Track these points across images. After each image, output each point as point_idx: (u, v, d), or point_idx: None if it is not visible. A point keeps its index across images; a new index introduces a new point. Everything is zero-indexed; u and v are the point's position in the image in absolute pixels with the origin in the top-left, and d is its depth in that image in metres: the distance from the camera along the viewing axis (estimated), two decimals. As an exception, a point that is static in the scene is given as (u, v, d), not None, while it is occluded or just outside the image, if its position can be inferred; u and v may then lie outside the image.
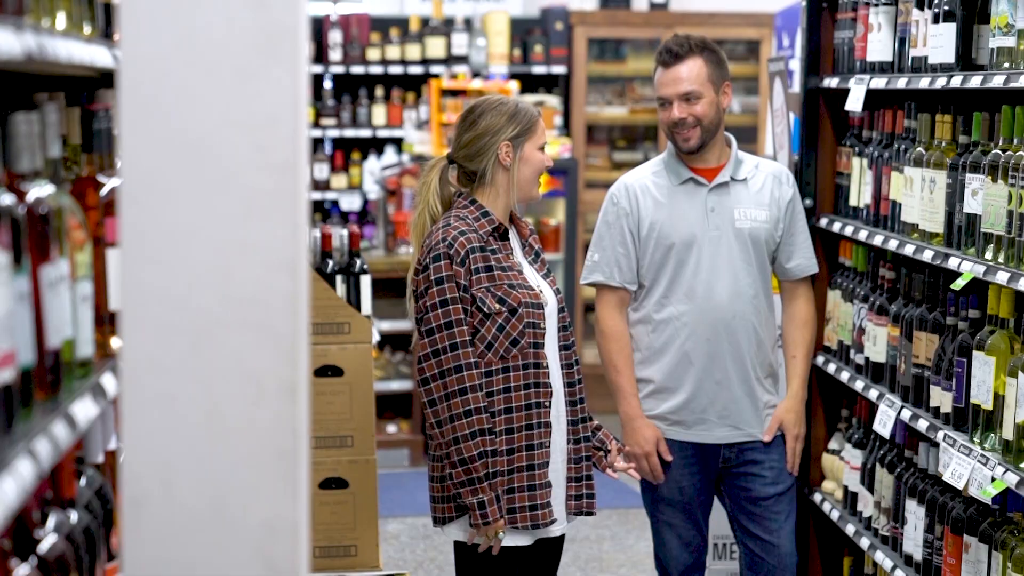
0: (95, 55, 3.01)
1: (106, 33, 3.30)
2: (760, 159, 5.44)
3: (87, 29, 3.13)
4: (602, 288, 5.25)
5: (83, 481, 2.92)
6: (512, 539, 4.55)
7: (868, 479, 5.60)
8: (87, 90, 3.38)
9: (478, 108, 4.63)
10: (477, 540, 4.52)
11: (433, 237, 4.51)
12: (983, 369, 4.54)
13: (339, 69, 11.27)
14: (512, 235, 4.68)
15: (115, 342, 3.03)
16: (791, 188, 5.38)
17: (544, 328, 4.56)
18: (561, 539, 4.74)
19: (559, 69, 11.43)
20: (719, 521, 5.71)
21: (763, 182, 5.30)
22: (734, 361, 5.21)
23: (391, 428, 9.68)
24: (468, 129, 4.62)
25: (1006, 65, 4.47)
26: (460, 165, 4.65)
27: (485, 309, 4.47)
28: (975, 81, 4.61)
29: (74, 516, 2.75)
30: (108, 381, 2.88)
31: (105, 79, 3.50)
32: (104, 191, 3.09)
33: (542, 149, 4.66)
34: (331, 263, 5.17)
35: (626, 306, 5.25)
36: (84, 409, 2.70)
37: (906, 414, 5.13)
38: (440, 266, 4.45)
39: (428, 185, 4.66)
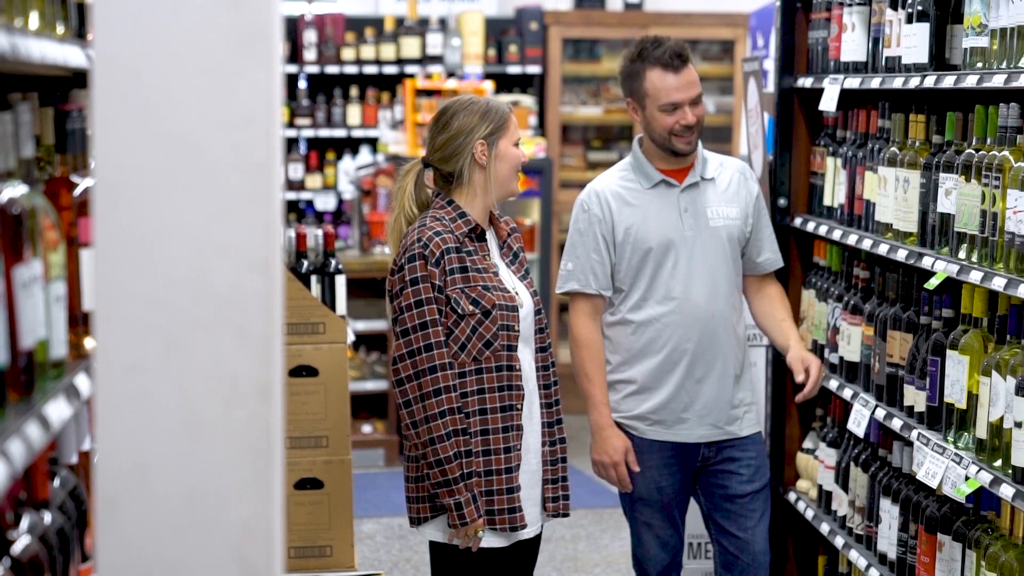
0: (68, 55, 3.00)
1: (79, 33, 3.29)
2: (722, 156, 5.45)
3: (60, 29, 3.12)
4: (576, 296, 5.23)
5: (57, 482, 2.91)
6: (488, 540, 4.55)
7: (842, 478, 5.62)
8: (60, 90, 3.37)
9: (450, 109, 4.63)
10: (456, 541, 4.52)
11: (409, 238, 4.50)
12: (957, 368, 4.56)
13: (314, 69, 11.26)
14: (490, 236, 4.67)
15: (89, 343, 3.03)
16: (755, 183, 5.42)
17: (518, 331, 4.56)
18: (538, 540, 4.74)
19: (534, 69, 11.43)
20: (694, 520, 5.72)
21: (730, 179, 5.32)
22: (714, 359, 5.21)
23: (366, 428, 9.67)
24: (441, 131, 4.61)
25: (979, 65, 4.48)
26: (436, 167, 4.64)
27: (459, 310, 4.46)
28: (948, 81, 4.63)
29: (48, 517, 2.74)
30: (82, 382, 2.88)
31: (78, 79, 3.50)
32: (77, 191, 3.08)
33: (517, 144, 4.66)
34: (306, 263, 5.16)
35: (600, 313, 5.24)
36: (58, 410, 2.69)
37: (880, 413, 5.14)
38: (415, 266, 4.45)
39: (403, 190, 4.65)
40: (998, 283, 4.24)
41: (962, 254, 4.54)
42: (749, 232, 5.33)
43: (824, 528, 5.74)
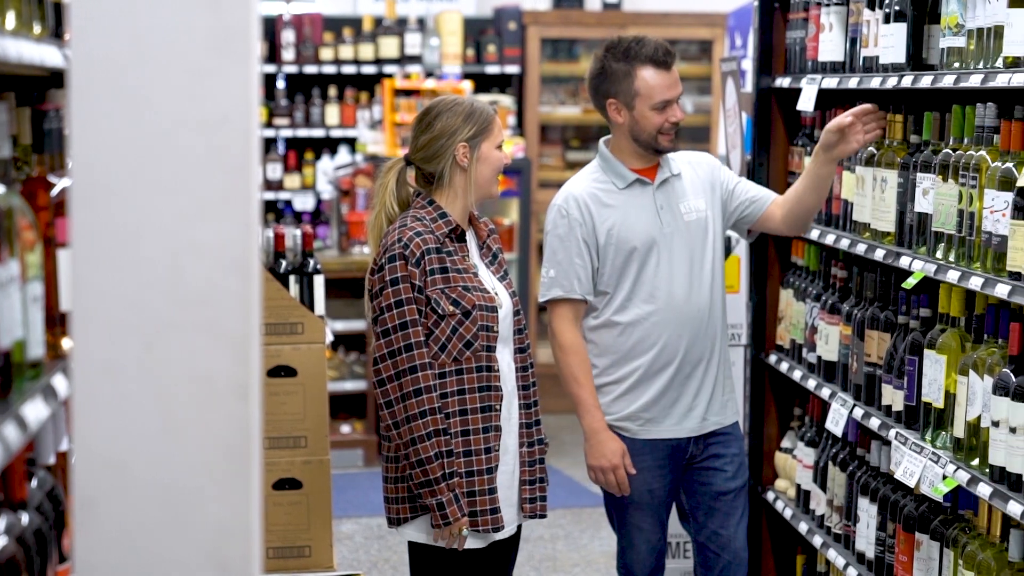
0: (45, 55, 3.00)
1: (56, 33, 3.28)
2: (678, 152, 5.43)
3: (37, 29, 3.11)
4: (558, 301, 5.20)
5: (34, 483, 2.90)
6: (468, 542, 4.55)
7: (820, 477, 5.63)
8: (37, 90, 3.36)
9: (434, 110, 4.62)
10: (440, 541, 4.52)
11: (389, 238, 4.50)
12: (934, 367, 4.57)
13: (292, 69, 11.25)
14: (470, 236, 4.67)
15: (66, 343, 3.02)
16: (707, 164, 5.36)
17: (497, 331, 4.56)
18: (515, 540, 4.74)
19: (512, 69, 11.43)
20: (672, 520, 5.72)
21: (692, 173, 5.30)
22: (700, 353, 5.21)
23: (345, 428, 9.66)
24: (424, 131, 4.60)
25: (956, 65, 4.49)
26: (418, 167, 4.64)
27: (439, 311, 4.46)
28: (926, 81, 4.64)
29: (25, 518, 2.74)
30: (59, 382, 2.87)
31: (56, 79, 3.49)
32: (55, 191, 3.08)
33: (500, 147, 4.65)
34: (284, 263, 5.15)
35: (581, 317, 5.22)
36: (35, 410, 2.69)
37: (858, 412, 5.15)
38: (395, 267, 4.44)
39: (385, 187, 4.64)
40: (975, 283, 4.25)
41: (939, 254, 4.55)
42: (734, 207, 5.31)
43: (802, 527, 5.75)
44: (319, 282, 5.19)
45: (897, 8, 4.86)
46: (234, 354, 2.54)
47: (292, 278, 5.14)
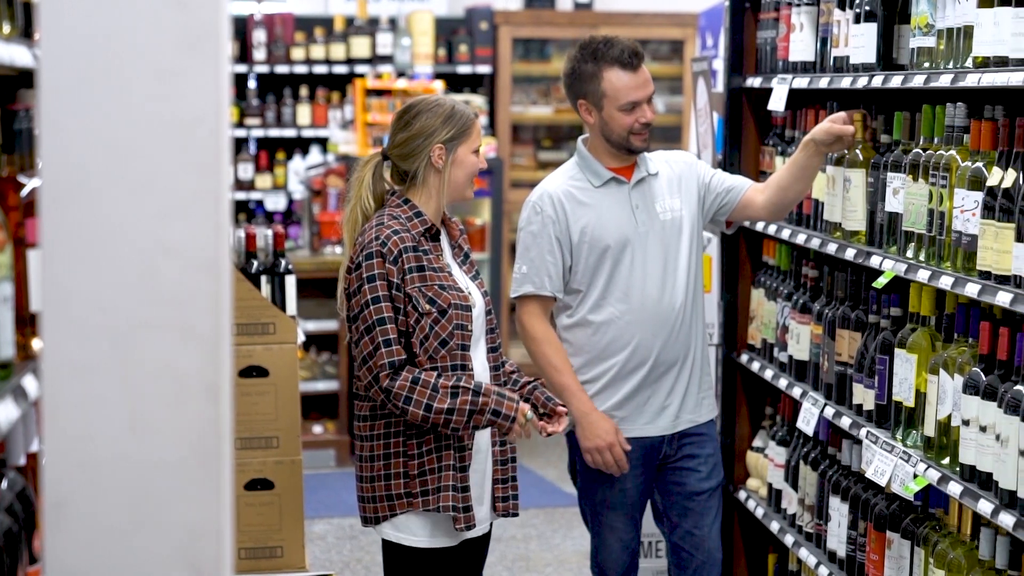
0: (14, 54, 2.99)
1: (26, 32, 3.27)
2: (655, 152, 5.44)
3: (6, 28, 3.10)
4: (528, 297, 5.20)
5: (4, 484, 2.89)
6: (438, 540, 4.55)
7: (792, 476, 5.64)
8: (7, 90, 3.35)
9: (414, 108, 4.62)
10: (518, 440, 4.60)
11: (366, 235, 4.49)
12: (905, 367, 4.58)
13: (263, 68, 11.23)
14: (443, 236, 4.67)
15: (36, 343, 3.01)
16: (683, 162, 5.33)
17: (471, 330, 4.56)
18: (486, 539, 4.74)
19: (484, 69, 11.43)
20: (646, 519, 5.72)
21: (669, 171, 5.28)
22: (675, 353, 5.20)
23: (317, 429, 9.65)
24: (403, 129, 4.60)
25: (926, 65, 4.51)
26: (394, 163, 4.64)
27: (419, 309, 4.46)
28: (896, 81, 4.65)
29: (-5, 519, 2.73)
30: (29, 383, 2.86)
31: (25, 78, 3.48)
32: (25, 192, 3.07)
33: (477, 152, 4.65)
34: (256, 263, 5.14)
35: (548, 312, 5.23)
36: (5, 411, 2.68)
37: (829, 411, 5.16)
38: (372, 264, 4.44)
39: (361, 180, 4.64)
40: (945, 282, 4.26)
41: (910, 253, 4.57)
42: (711, 201, 5.29)
43: (774, 526, 5.77)
44: (291, 282, 5.18)
45: (867, 8, 4.87)
46: (205, 354, 2.53)
47: (264, 278, 5.13)
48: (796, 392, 5.47)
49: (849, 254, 4.96)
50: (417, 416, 4.41)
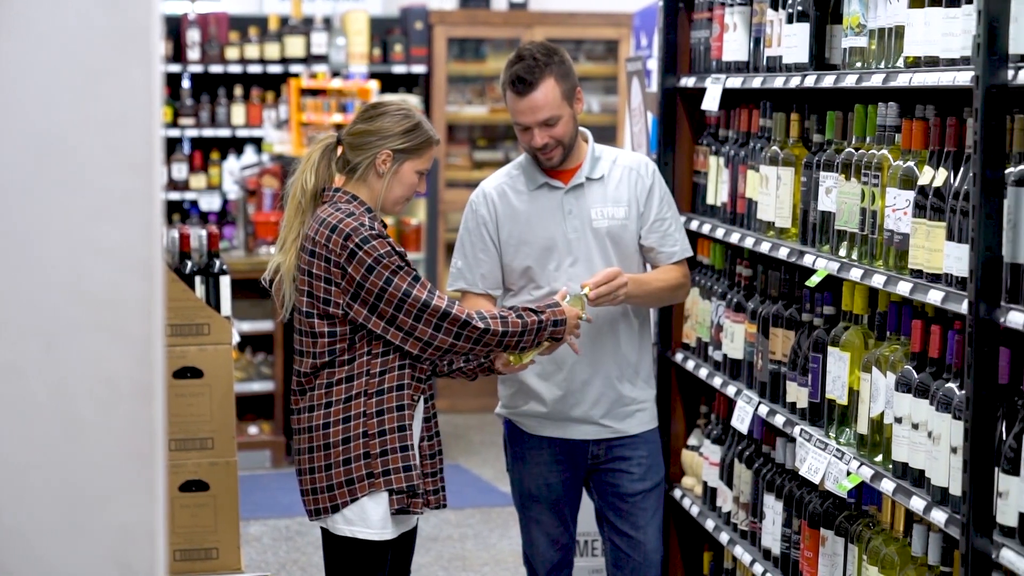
0: (-57, 54, 2.96)
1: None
2: (620, 152, 5.35)
3: (-65, 27, 3.07)
4: (466, 294, 5.19)
5: (-66, 487, 2.87)
6: (387, 532, 4.55)
7: (727, 474, 5.66)
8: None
9: (382, 107, 4.67)
10: (570, 340, 4.76)
11: (345, 225, 4.46)
12: (838, 365, 4.61)
13: (197, 68, 11.19)
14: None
15: (-34, 345, 2.98)
16: (651, 178, 5.22)
17: None
18: (415, 532, 4.76)
19: (419, 68, 11.43)
20: (584, 518, 5.73)
21: (620, 177, 5.19)
22: (599, 359, 5.18)
23: (252, 430, 9.62)
24: (364, 120, 4.63)
25: (858, 65, 4.54)
26: (344, 149, 4.65)
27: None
28: (828, 81, 4.68)
29: (-76, 523, 2.71)
30: (-41, 385, 2.83)
31: (-46, 78, 3.45)
32: (-46, 192, 3.04)
33: (421, 175, 4.66)
34: (190, 264, 5.13)
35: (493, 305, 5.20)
36: (-66, 414, 2.66)
37: (763, 410, 5.19)
38: (374, 245, 4.45)
39: (309, 158, 4.66)
40: (878, 280, 4.29)
41: (843, 252, 4.60)
42: (645, 229, 5.24)
43: (709, 524, 5.79)
44: (225, 283, 5.17)
45: (800, 8, 4.90)
46: (137, 356, 2.52)
47: (198, 279, 5.11)
48: (731, 390, 5.49)
49: (782, 253, 4.98)
50: (490, 343, 4.58)
